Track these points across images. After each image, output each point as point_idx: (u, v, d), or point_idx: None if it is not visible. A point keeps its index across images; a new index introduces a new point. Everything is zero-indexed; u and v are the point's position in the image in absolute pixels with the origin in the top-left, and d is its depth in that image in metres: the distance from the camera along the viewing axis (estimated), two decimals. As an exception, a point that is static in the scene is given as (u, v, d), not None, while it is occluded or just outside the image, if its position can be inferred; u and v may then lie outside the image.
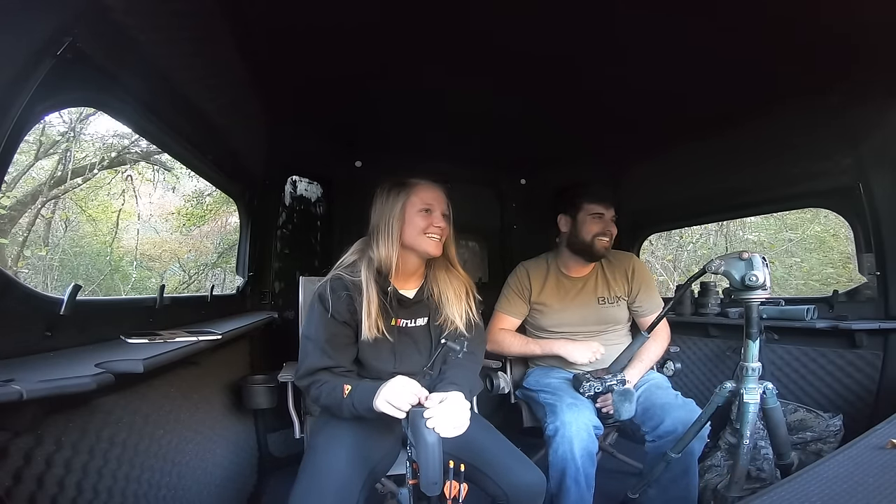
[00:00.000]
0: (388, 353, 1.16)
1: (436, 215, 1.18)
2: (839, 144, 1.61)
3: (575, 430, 1.30)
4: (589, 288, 1.72)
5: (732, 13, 1.19)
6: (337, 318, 1.11)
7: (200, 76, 1.34)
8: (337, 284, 1.14)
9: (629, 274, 1.71)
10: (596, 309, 1.69)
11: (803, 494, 0.57)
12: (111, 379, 0.74)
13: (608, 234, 1.64)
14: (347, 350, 1.13)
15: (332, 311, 1.11)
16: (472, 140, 2.26)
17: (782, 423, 1.14)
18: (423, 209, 1.17)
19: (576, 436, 1.29)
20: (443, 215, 1.20)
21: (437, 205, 1.19)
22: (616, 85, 1.63)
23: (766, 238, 6.32)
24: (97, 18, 0.90)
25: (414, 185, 1.19)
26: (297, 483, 0.99)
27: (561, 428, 1.32)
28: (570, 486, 1.28)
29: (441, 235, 1.19)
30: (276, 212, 2.19)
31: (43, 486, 0.75)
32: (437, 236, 1.18)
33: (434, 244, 1.18)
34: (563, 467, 1.29)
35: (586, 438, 1.30)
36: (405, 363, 1.17)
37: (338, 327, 1.11)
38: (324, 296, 1.12)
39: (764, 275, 1.03)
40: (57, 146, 5.46)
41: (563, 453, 1.29)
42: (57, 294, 0.89)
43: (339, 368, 1.10)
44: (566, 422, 1.32)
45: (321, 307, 1.12)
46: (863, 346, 1.56)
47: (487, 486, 1.07)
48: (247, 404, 1.66)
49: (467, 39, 1.37)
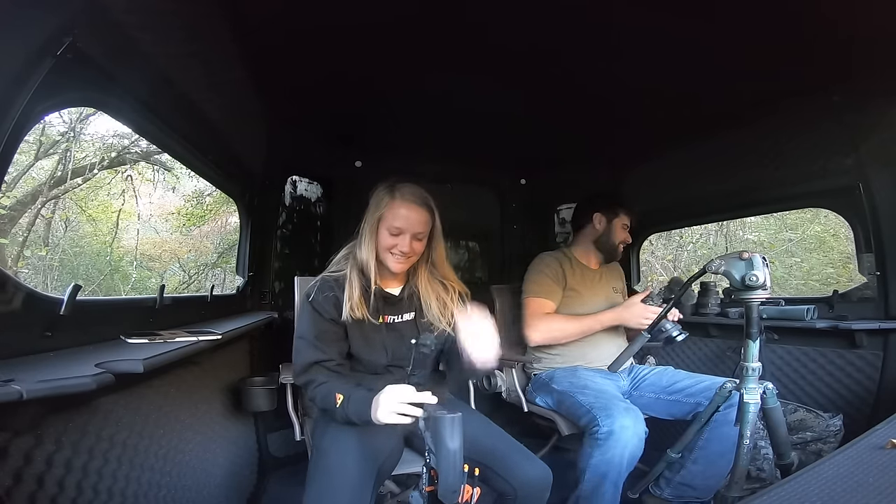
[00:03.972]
0: (380, 346, 1.17)
1: (402, 239, 1.14)
2: (839, 144, 1.61)
3: (631, 434, 1.27)
4: (605, 279, 1.88)
5: (733, 13, 1.19)
6: (324, 317, 1.13)
7: (200, 76, 1.34)
8: (324, 285, 1.16)
9: (621, 273, 2.00)
10: (613, 298, 1.84)
11: (803, 494, 0.57)
12: (111, 379, 0.74)
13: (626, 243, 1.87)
14: (337, 344, 1.15)
15: (320, 309, 1.13)
16: (472, 140, 2.26)
17: (782, 423, 1.14)
18: (391, 229, 1.14)
19: (630, 441, 1.27)
20: (414, 238, 1.15)
21: (409, 227, 1.13)
22: (617, 85, 1.63)
23: (766, 238, 6.31)
24: (97, 18, 0.90)
25: (394, 199, 1.15)
26: (308, 486, 0.99)
27: (618, 432, 1.28)
28: (608, 490, 1.28)
29: (405, 258, 1.15)
30: (276, 212, 2.19)
31: (43, 486, 0.75)
32: (399, 258, 1.15)
33: (396, 265, 1.16)
34: (607, 471, 1.27)
35: (637, 444, 1.28)
36: (398, 356, 1.18)
37: (326, 324, 1.13)
38: (311, 296, 1.15)
39: (764, 275, 1.03)
40: (57, 146, 5.46)
41: (613, 457, 1.27)
42: (57, 294, 0.89)
43: (331, 362, 1.11)
44: (624, 426, 1.28)
45: (309, 307, 1.14)
46: (863, 346, 1.56)
47: (494, 482, 1.08)
48: (247, 407, 1.66)
49: (467, 39, 1.37)
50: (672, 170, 2.25)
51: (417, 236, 1.15)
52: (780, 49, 1.33)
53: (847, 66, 1.42)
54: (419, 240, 1.16)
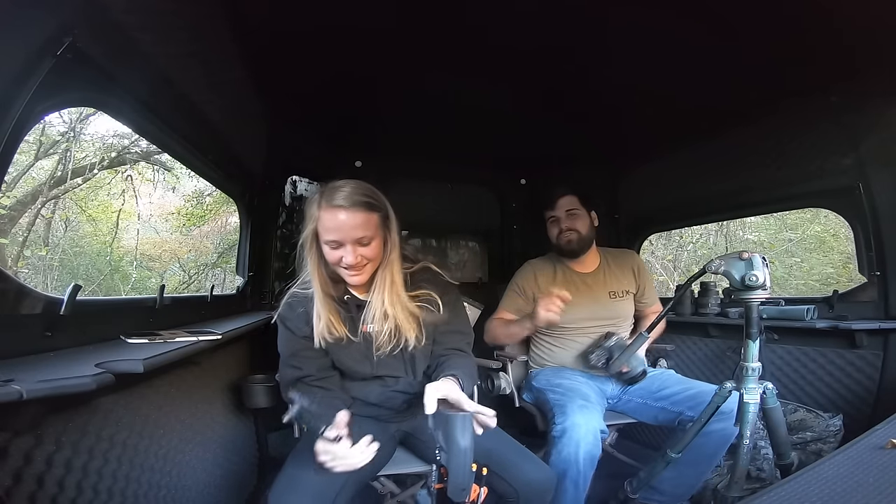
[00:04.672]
0: (362, 357, 1.13)
1: (344, 250, 0.99)
2: (839, 144, 1.61)
3: (583, 432, 1.29)
4: (598, 282, 1.75)
5: (733, 14, 1.19)
6: (297, 335, 1.10)
7: (200, 76, 1.34)
8: (294, 302, 1.11)
9: (635, 270, 1.79)
10: (606, 303, 1.71)
11: (803, 494, 0.57)
12: (111, 379, 0.74)
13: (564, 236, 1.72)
14: (315, 361, 1.11)
15: (292, 327, 1.10)
16: (472, 140, 2.26)
17: (782, 423, 1.14)
18: (327, 242, 1.00)
19: (583, 439, 1.28)
20: (358, 244, 1.00)
21: (346, 236, 0.98)
22: (617, 84, 1.63)
23: (766, 238, 6.32)
24: (97, 18, 0.90)
25: (319, 211, 0.99)
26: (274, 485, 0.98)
27: (570, 430, 1.30)
28: (568, 488, 1.28)
29: (358, 268, 1.02)
30: (276, 212, 2.19)
31: (43, 486, 0.75)
32: (351, 272, 1.02)
33: (352, 278, 1.04)
34: (565, 469, 1.29)
35: (592, 442, 1.29)
36: (383, 366, 1.14)
37: (299, 342, 1.10)
38: (282, 315, 1.12)
39: (764, 275, 1.03)
40: (57, 146, 5.46)
41: (568, 455, 1.28)
42: (57, 294, 0.89)
43: (310, 377, 1.09)
44: (576, 423, 1.30)
45: (283, 326, 1.12)
46: (863, 346, 1.55)
47: (498, 484, 1.07)
48: (247, 403, 1.66)
49: (467, 40, 1.37)
50: (672, 170, 2.25)
51: (361, 241, 1.00)
52: (779, 50, 1.34)
53: (846, 66, 1.42)
54: (365, 245, 1.00)
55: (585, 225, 1.71)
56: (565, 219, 1.70)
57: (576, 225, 1.69)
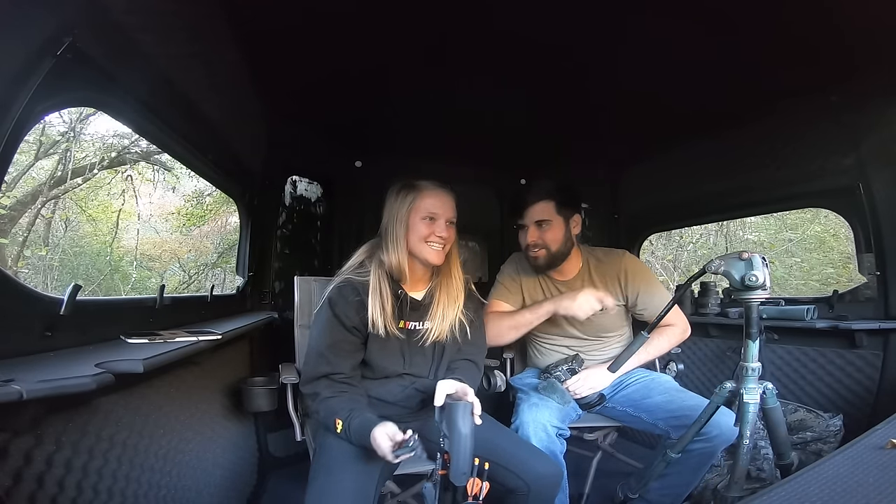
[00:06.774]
0: (398, 353, 1.16)
1: (439, 224, 1.15)
2: (839, 144, 1.61)
3: (532, 430, 1.30)
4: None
5: (732, 14, 1.19)
6: (345, 324, 1.10)
7: (200, 76, 1.34)
8: (347, 288, 1.12)
9: (622, 279, 1.52)
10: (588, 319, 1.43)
11: (803, 494, 0.57)
12: (111, 379, 0.74)
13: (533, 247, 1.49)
14: (349, 357, 1.11)
15: (342, 315, 1.10)
16: (472, 140, 2.26)
17: (782, 423, 1.14)
18: (426, 216, 1.14)
19: (533, 435, 1.29)
20: (447, 223, 1.16)
21: (443, 212, 1.15)
22: (617, 84, 1.63)
23: (766, 238, 6.32)
24: (97, 18, 0.90)
25: (420, 189, 1.16)
26: (310, 484, 0.98)
27: (520, 427, 1.32)
28: None
29: (444, 244, 1.16)
30: (276, 212, 2.19)
31: (43, 486, 0.75)
32: (438, 245, 1.15)
33: (435, 254, 1.15)
34: None
35: (545, 438, 1.29)
36: (414, 365, 1.17)
37: (343, 333, 1.10)
38: (333, 300, 1.11)
39: (764, 275, 1.03)
40: (57, 146, 5.46)
41: None
42: (57, 294, 0.89)
43: (339, 375, 1.08)
44: (524, 421, 1.32)
45: (329, 312, 1.10)
46: (863, 346, 1.56)
47: (508, 479, 1.08)
48: (247, 407, 1.65)
49: (467, 40, 1.37)
50: (672, 170, 2.25)
51: (450, 221, 1.17)
52: (779, 50, 1.33)
53: (846, 66, 1.42)
54: (451, 225, 1.18)
55: (558, 238, 1.46)
56: (533, 230, 1.47)
57: (545, 239, 1.46)
